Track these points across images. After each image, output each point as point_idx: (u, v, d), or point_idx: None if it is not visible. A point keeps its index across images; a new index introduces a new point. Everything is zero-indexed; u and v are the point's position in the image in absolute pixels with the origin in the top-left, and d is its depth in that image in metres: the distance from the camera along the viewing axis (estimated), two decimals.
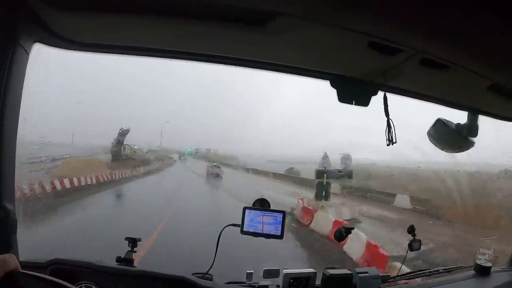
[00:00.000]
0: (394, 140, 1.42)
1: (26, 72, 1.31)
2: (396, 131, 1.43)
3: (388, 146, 1.42)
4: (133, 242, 1.60)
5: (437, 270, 1.97)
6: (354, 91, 1.49)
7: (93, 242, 5.70)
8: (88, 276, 1.45)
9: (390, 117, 1.41)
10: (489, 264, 1.95)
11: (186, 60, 1.43)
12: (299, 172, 19.34)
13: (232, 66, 1.42)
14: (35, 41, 1.31)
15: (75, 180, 12.05)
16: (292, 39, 1.18)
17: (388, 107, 1.42)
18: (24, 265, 1.51)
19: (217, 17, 1.11)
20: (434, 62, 1.26)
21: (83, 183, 12.50)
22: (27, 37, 1.26)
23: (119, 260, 1.57)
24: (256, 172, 21.32)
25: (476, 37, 1.10)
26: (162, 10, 1.11)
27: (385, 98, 1.44)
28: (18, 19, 1.16)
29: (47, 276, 0.86)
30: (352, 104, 1.52)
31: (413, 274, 1.93)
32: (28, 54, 1.29)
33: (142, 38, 1.34)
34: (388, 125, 1.41)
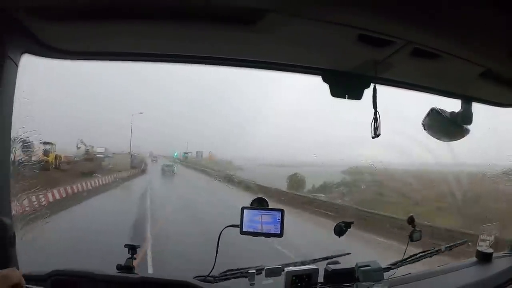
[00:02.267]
0: (379, 133, 1.43)
1: (16, 84, 1.31)
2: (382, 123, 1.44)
3: (373, 139, 1.42)
4: (132, 249, 1.59)
5: (439, 249, 1.96)
6: (346, 85, 1.49)
7: None
8: (89, 285, 1.44)
9: (377, 110, 1.41)
10: (490, 251, 1.96)
11: (175, 63, 1.43)
12: (303, 179, 16.17)
13: (222, 66, 1.42)
14: (24, 52, 1.30)
15: None
16: (281, 36, 1.18)
17: (377, 99, 1.42)
18: (25, 278, 1.52)
19: (205, 18, 1.11)
20: (425, 51, 1.26)
21: None
22: (15, 48, 1.26)
23: (119, 268, 1.55)
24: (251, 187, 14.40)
25: (465, 24, 1.10)
26: (149, 15, 1.11)
27: (374, 90, 1.44)
28: (6, 31, 1.15)
29: None
30: (345, 98, 1.52)
31: (414, 258, 1.90)
32: (17, 66, 1.28)
33: (129, 43, 1.34)
34: (375, 118, 1.41)
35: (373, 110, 1.43)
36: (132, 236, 7.49)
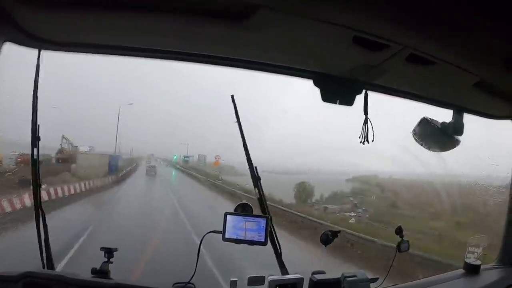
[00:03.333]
0: (368, 139, 1.41)
1: None
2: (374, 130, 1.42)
3: (363, 145, 1.40)
4: (109, 252, 1.52)
5: None
6: (338, 90, 1.44)
7: None
8: None
9: (368, 116, 1.39)
10: (478, 263, 1.94)
11: (161, 59, 1.37)
12: (312, 189, 14.68)
13: (210, 65, 1.36)
14: (6, 41, 1.23)
15: None
16: (273, 35, 1.13)
17: (368, 105, 1.40)
18: None
19: (193, 12, 1.05)
20: (421, 58, 1.22)
21: None
22: None
23: (94, 272, 1.48)
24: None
25: (462, 32, 1.07)
26: (138, 7, 1.05)
27: (366, 96, 1.41)
28: None
29: None
30: (336, 103, 1.47)
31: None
32: None
33: (117, 36, 1.27)
34: (365, 123, 1.39)
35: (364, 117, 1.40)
36: None
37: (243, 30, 1.11)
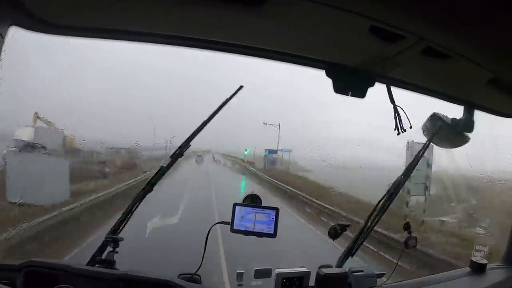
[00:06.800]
0: (403, 129, 1.38)
1: (1, 57, 1.21)
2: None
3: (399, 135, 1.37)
4: (114, 241, 1.49)
5: None
6: (350, 81, 1.41)
7: None
8: (65, 279, 1.34)
9: (396, 104, 1.36)
10: (484, 261, 1.93)
11: (173, 45, 1.33)
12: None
13: (221, 52, 1.33)
14: (11, 24, 1.20)
15: None
16: (287, 22, 1.10)
17: (393, 94, 1.37)
18: None
19: None
20: (436, 51, 1.20)
21: None
22: (1, 20, 1.15)
23: (99, 261, 1.45)
24: None
25: (481, 27, 1.04)
26: None
27: (388, 87, 1.39)
28: None
29: None
30: (348, 95, 1.45)
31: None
32: (3, 38, 1.18)
33: (126, 20, 1.23)
34: (396, 112, 1.36)
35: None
36: None
37: (257, 16, 1.08)
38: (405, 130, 1.38)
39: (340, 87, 1.42)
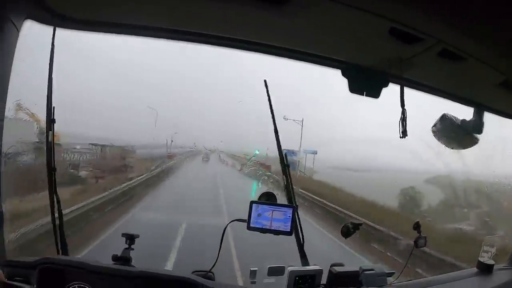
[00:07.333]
0: (406, 133, 1.39)
1: (15, 50, 1.21)
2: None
3: (401, 139, 1.38)
4: (130, 239, 1.49)
5: None
6: (365, 82, 1.43)
7: None
8: (81, 276, 1.33)
9: (405, 108, 1.37)
10: (491, 262, 1.94)
11: (189, 42, 1.34)
12: (421, 196, 10.19)
13: (239, 49, 1.34)
14: (27, 18, 1.20)
15: None
16: (308, 21, 1.11)
17: (404, 98, 1.38)
18: (11, 264, 1.40)
19: None
20: (451, 53, 1.21)
21: None
22: (17, 12, 1.16)
23: (115, 258, 1.45)
24: None
25: (497, 30, 1.06)
26: None
27: (402, 89, 1.40)
28: None
29: None
30: (363, 95, 1.46)
31: None
32: (18, 31, 1.19)
33: (144, 16, 1.23)
34: (403, 116, 1.37)
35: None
36: None
37: (277, 15, 1.09)
38: (407, 135, 1.40)
39: (355, 87, 1.44)
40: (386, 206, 9.40)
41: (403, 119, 1.38)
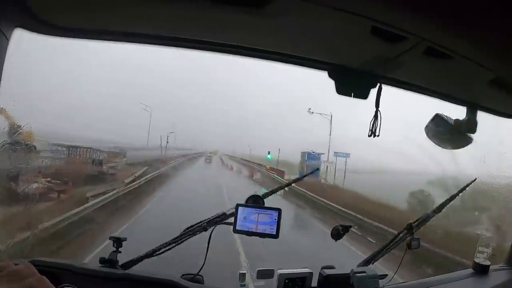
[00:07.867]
0: (377, 133, 1.38)
1: (5, 60, 1.21)
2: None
3: (369, 137, 1.38)
4: (118, 241, 1.50)
5: None
6: (353, 83, 1.42)
7: None
8: (69, 278, 1.35)
9: (379, 109, 1.36)
10: (487, 263, 1.92)
11: (176, 47, 1.34)
12: (433, 199, 9.13)
13: (223, 53, 1.34)
14: (16, 26, 1.21)
15: None
16: (290, 24, 1.11)
17: (380, 98, 1.38)
18: None
19: None
20: (438, 52, 1.20)
21: None
22: (7, 21, 1.16)
23: (103, 261, 1.46)
24: None
25: (484, 28, 1.04)
26: None
27: (379, 88, 1.39)
28: None
29: None
30: (351, 96, 1.45)
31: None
32: (8, 40, 1.19)
33: (129, 22, 1.24)
34: (375, 116, 1.36)
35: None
36: None
37: (260, 17, 1.08)
38: (378, 136, 1.38)
39: (343, 88, 1.43)
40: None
41: (376, 119, 1.37)
